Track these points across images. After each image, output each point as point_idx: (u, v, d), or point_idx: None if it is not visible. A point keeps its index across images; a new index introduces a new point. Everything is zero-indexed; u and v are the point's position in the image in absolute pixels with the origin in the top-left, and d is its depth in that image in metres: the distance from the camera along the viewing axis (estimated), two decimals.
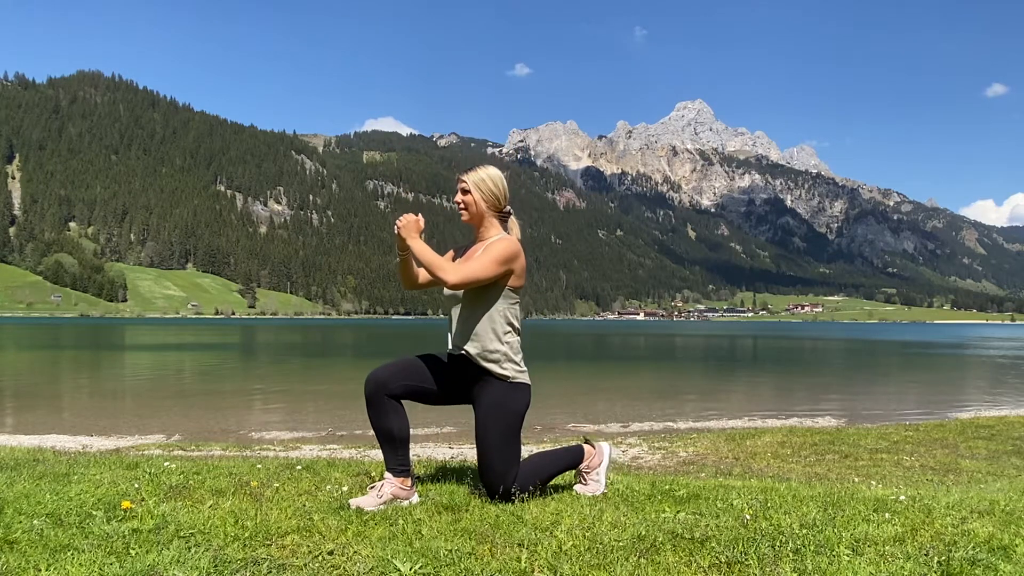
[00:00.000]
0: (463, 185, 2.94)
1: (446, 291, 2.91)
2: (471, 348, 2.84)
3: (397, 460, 2.82)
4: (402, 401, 2.87)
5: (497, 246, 2.84)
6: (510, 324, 2.87)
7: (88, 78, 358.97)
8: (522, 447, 2.96)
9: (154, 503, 2.65)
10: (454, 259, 3.00)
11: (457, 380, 2.92)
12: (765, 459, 6.45)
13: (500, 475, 2.79)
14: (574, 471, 3.17)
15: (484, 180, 2.93)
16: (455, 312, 2.93)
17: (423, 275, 3.03)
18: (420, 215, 2.94)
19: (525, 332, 3.11)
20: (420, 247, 2.84)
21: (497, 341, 2.83)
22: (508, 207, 3.00)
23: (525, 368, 2.92)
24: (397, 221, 2.88)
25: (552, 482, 3.16)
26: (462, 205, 2.94)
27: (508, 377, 2.84)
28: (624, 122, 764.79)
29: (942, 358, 31.87)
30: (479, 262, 2.81)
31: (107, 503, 2.61)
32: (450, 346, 2.97)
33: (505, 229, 3.00)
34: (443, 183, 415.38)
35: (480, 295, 2.84)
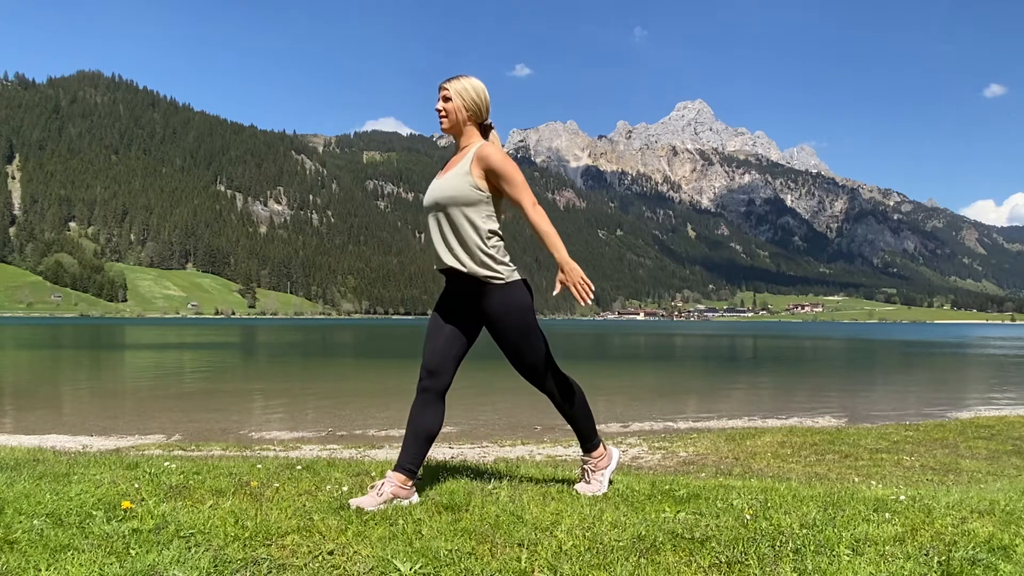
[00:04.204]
0: (445, 93, 2.85)
1: (427, 199, 2.85)
2: (459, 259, 2.77)
3: (415, 457, 2.81)
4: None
5: (498, 156, 2.76)
6: (491, 229, 2.78)
7: (88, 78, 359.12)
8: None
9: (154, 503, 2.65)
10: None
11: (462, 310, 2.86)
12: (765, 459, 6.45)
13: (539, 370, 2.89)
14: (579, 468, 3.17)
15: (467, 88, 2.84)
16: (434, 224, 2.83)
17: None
18: None
19: None
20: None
21: (482, 247, 2.75)
22: (489, 120, 2.93)
23: (515, 267, 2.85)
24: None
25: (552, 482, 3.16)
26: (443, 112, 2.86)
27: (502, 278, 2.77)
28: (624, 122, 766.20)
29: (942, 358, 31.87)
30: (517, 177, 2.74)
31: (107, 503, 2.61)
32: (436, 263, 2.89)
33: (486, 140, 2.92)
34: None
35: (460, 204, 2.76)
